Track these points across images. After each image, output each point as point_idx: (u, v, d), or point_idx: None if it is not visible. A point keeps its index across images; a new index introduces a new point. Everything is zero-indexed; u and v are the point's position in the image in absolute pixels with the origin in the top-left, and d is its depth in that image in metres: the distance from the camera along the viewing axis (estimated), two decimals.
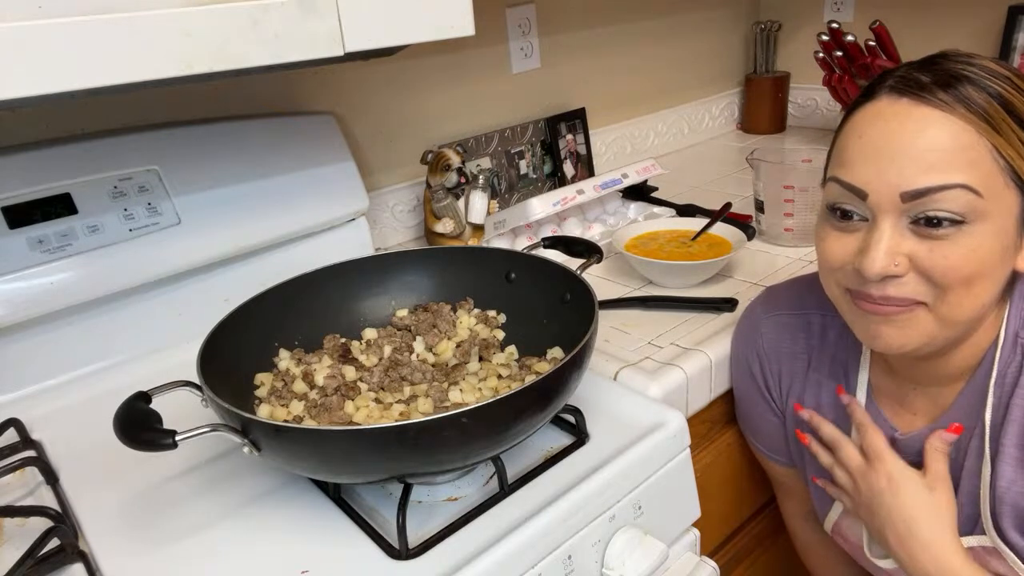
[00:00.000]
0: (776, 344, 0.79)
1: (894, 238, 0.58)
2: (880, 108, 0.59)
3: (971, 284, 0.57)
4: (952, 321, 0.60)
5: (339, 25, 0.63)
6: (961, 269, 0.57)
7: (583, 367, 0.64)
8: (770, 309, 0.80)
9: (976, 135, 0.56)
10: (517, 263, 0.83)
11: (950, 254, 0.57)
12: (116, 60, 0.53)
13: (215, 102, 1.01)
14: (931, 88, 0.57)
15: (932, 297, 0.59)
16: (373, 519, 0.63)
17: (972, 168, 0.55)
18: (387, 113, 1.19)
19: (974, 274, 0.57)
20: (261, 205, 0.95)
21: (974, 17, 1.48)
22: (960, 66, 0.58)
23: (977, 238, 0.56)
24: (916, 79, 0.58)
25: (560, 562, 0.60)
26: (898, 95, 0.58)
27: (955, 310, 0.59)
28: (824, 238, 0.64)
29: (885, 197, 0.57)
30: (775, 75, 1.76)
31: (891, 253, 0.58)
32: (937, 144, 0.56)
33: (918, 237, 0.58)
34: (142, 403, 0.59)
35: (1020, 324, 0.63)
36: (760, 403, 0.82)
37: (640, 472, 0.67)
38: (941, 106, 0.56)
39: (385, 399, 0.71)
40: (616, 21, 1.49)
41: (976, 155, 0.55)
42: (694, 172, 1.54)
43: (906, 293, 0.59)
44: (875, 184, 0.58)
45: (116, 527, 0.64)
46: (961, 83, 0.57)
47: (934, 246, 0.57)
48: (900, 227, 0.58)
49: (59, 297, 0.82)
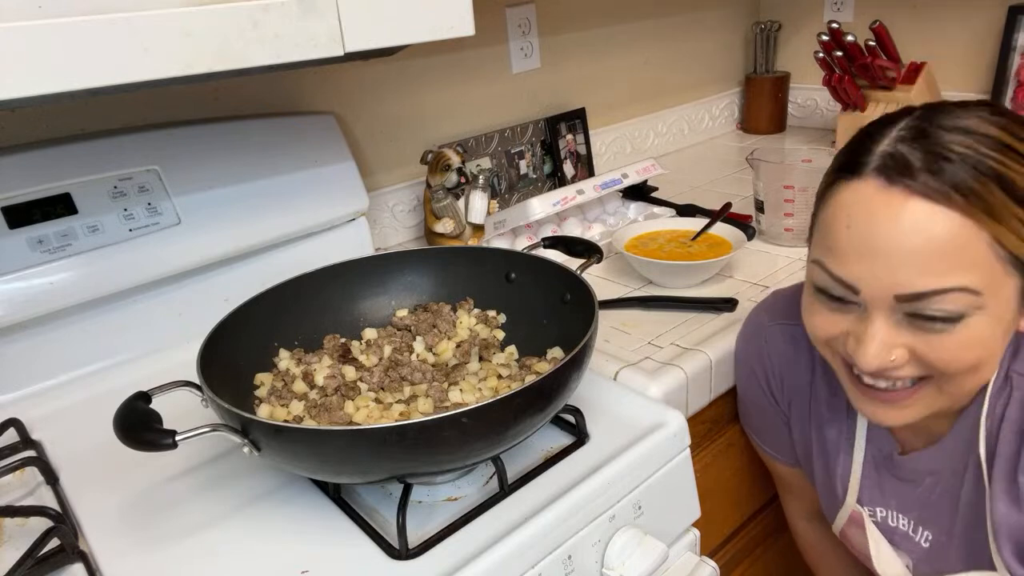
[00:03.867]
0: (781, 353, 0.78)
1: (890, 333, 0.56)
2: (868, 195, 0.54)
3: (976, 369, 0.56)
4: (958, 396, 0.59)
5: (339, 25, 0.63)
6: (963, 360, 0.55)
7: (583, 367, 0.64)
8: (776, 317, 0.79)
9: (975, 229, 0.51)
10: (517, 263, 0.83)
11: (950, 346, 0.55)
12: (116, 60, 0.53)
13: (215, 102, 1.01)
14: (922, 174, 0.52)
15: (936, 375, 0.57)
16: (373, 519, 0.62)
17: (972, 268, 0.52)
18: (387, 113, 1.19)
19: (978, 361, 0.55)
20: (261, 205, 0.95)
21: (974, 17, 1.48)
22: (950, 136, 0.53)
23: (976, 330, 0.54)
24: (905, 161, 0.53)
25: (560, 562, 0.60)
26: (888, 182, 0.54)
27: (962, 388, 0.58)
28: (813, 313, 0.62)
29: (879, 294, 0.55)
30: (775, 75, 1.76)
31: (887, 347, 0.56)
32: (934, 245, 0.52)
33: (915, 329, 0.55)
34: (142, 403, 0.59)
35: (1013, 357, 0.61)
36: (765, 405, 0.82)
37: (640, 472, 0.67)
38: (935, 197, 0.51)
39: (385, 399, 0.71)
40: (616, 21, 1.49)
41: (976, 253, 0.52)
42: (694, 172, 1.54)
43: (906, 374, 0.58)
44: (867, 281, 0.55)
45: (116, 527, 0.64)
46: (953, 164, 0.52)
47: (931, 339, 0.55)
48: (894, 320, 0.56)
49: (59, 297, 0.82)
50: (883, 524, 0.75)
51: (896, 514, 0.73)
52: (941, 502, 0.69)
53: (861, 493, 0.74)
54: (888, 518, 0.74)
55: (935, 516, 0.70)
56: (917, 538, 0.72)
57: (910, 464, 0.70)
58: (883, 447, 0.72)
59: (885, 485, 0.73)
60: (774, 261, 1.07)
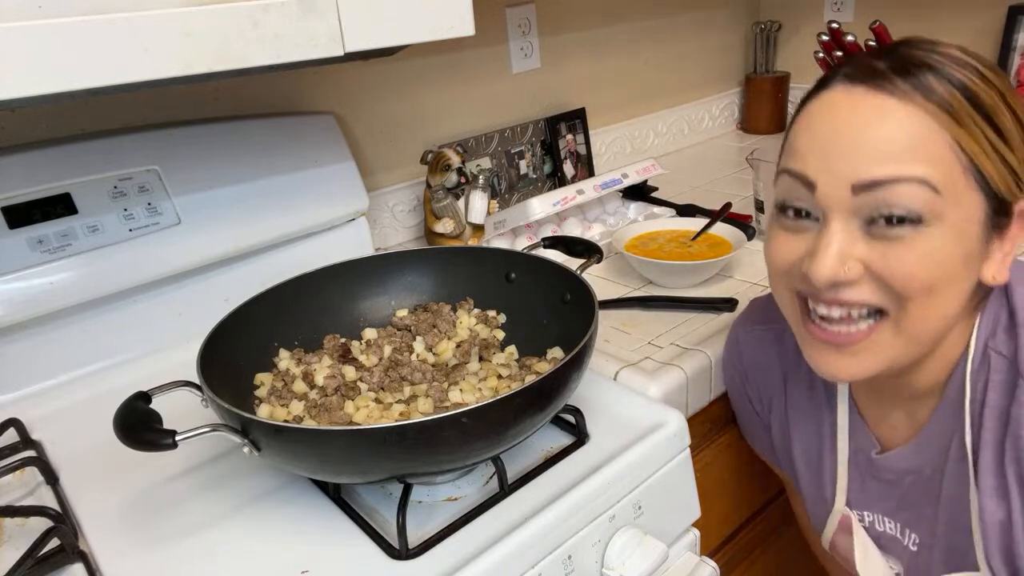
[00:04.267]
0: (754, 358, 0.78)
1: (845, 240, 0.54)
2: (834, 97, 0.55)
3: (932, 293, 0.53)
4: (915, 336, 0.56)
5: (339, 25, 0.63)
6: (919, 275, 0.53)
7: (583, 367, 0.64)
8: (747, 323, 0.79)
9: (936, 126, 0.52)
10: (517, 263, 0.83)
11: (906, 258, 0.52)
12: (116, 60, 0.53)
13: (215, 102, 1.01)
14: (888, 76, 0.53)
15: (893, 307, 0.55)
16: (373, 519, 0.62)
17: (931, 162, 0.51)
18: (387, 113, 1.19)
19: (934, 281, 0.53)
20: (261, 205, 0.95)
21: (974, 17, 1.48)
22: (921, 53, 0.54)
23: (935, 241, 0.52)
24: (872, 67, 0.54)
25: (560, 562, 0.60)
26: (852, 83, 0.55)
27: (918, 323, 0.55)
28: (772, 239, 0.60)
29: (835, 189, 0.53)
30: (775, 75, 1.76)
31: (842, 256, 0.54)
32: (893, 134, 0.52)
33: (871, 240, 0.53)
34: (142, 403, 0.59)
35: (991, 332, 0.59)
36: (751, 415, 0.82)
37: (640, 472, 0.67)
38: (898, 94, 0.52)
39: (385, 399, 0.71)
40: (616, 21, 1.49)
41: (936, 149, 0.52)
42: (694, 172, 1.54)
43: (862, 298, 0.55)
44: (824, 176, 0.54)
45: (116, 527, 0.64)
46: (921, 71, 0.53)
47: (888, 250, 0.53)
48: (852, 229, 0.54)
49: (59, 297, 0.82)
50: (871, 529, 0.73)
51: (882, 517, 0.71)
52: (923, 502, 0.66)
53: (849, 495, 0.72)
54: (875, 523, 0.72)
55: (918, 517, 0.67)
56: (905, 541, 0.70)
57: (888, 463, 0.68)
58: (863, 446, 0.70)
59: (868, 487, 0.71)
60: None
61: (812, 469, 0.76)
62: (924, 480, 0.66)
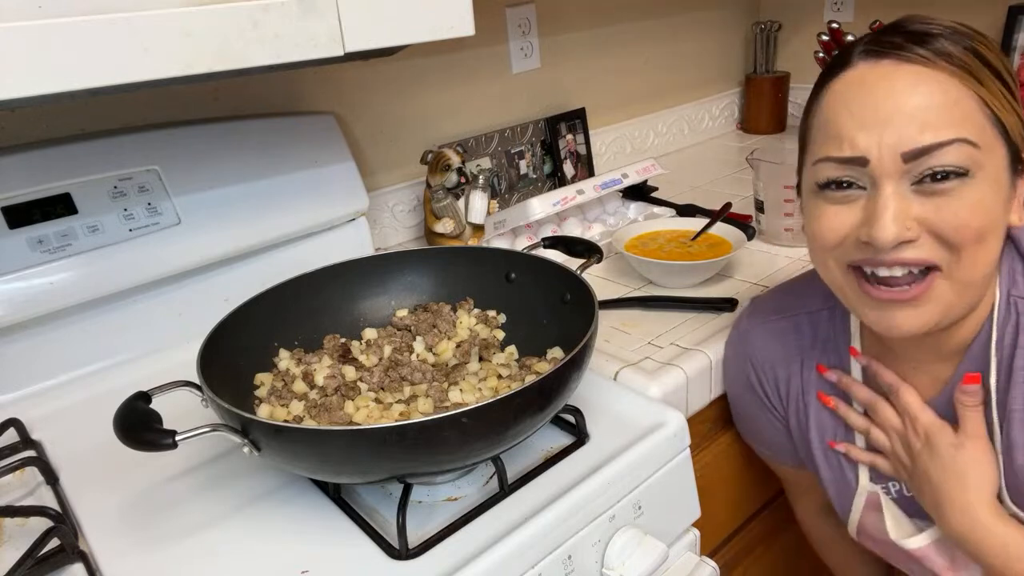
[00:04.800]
0: (768, 351, 0.78)
1: (900, 202, 0.56)
2: (862, 75, 0.58)
3: (983, 239, 0.56)
4: (969, 282, 0.58)
5: (339, 25, 0.63)
6: (971, 223, 0.55)
7: (583, 367, 0.64)
8: (756, 319, 0.80)
9: (963, 88, 0.55)
10: (517, 263, 0.83)
11: (959, 210, 0.55)
12: (116, 60, 0.53)
13: (215, 102, 1.01)
14: (907, 47, 0.56)
15: (947, 260, 0.57)
16: (373, 519, 0.62)
17: (966, 121, 0.55)
18: (387, 113, 1.19)
19: (984, 228, 0.56)
20: (261, 205, 0.95)
21: (974, 17, 1.48)
22: (924, 25, 0.57)
23: (980, 190, 0.56)
24: (890, 40, 0.57)
25: (560, 562, 0.60)
26: (875, 58, 0.58)
27: (971, 270, 0.57)
28: (818, 216, 0.62)
29: (887, 161, 0.56)
30: (775, 75, 1.76)
31: (900, 217, 0.56)
32: (930, 101, 0.55)
33: (923, 198, 0.56)
34: (142, 403, 0.59)
35: (1011, 282, 0.62)
36: (762, 412, 0.81)
37: (640, 472, 0.67)
38: (924, 62, 0.56)
39: (385, 399, 0.71)
40: (616, 21, 1.49)
41: (967, 108, 0.55)
42: (694, 172, 1.54)
43: (922, 255, 0.57)
44: (875, 151, 0.56)
45: (116, 527, 0.64)
46: (934, 39, 0.56)
47: (941, 204, 0.56)
48: (903, 191, 0.56)
49: (59, 297, 0.82)
50: (900, 498, 0.73)
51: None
52: None
53: (872, 470, 0.73)
54: (903, 489, 0.72)
55: None
56: None
57: None
58: None
59: None
60: (774, 261, 1.07)
61: (832, 454, 0.76)
62: None
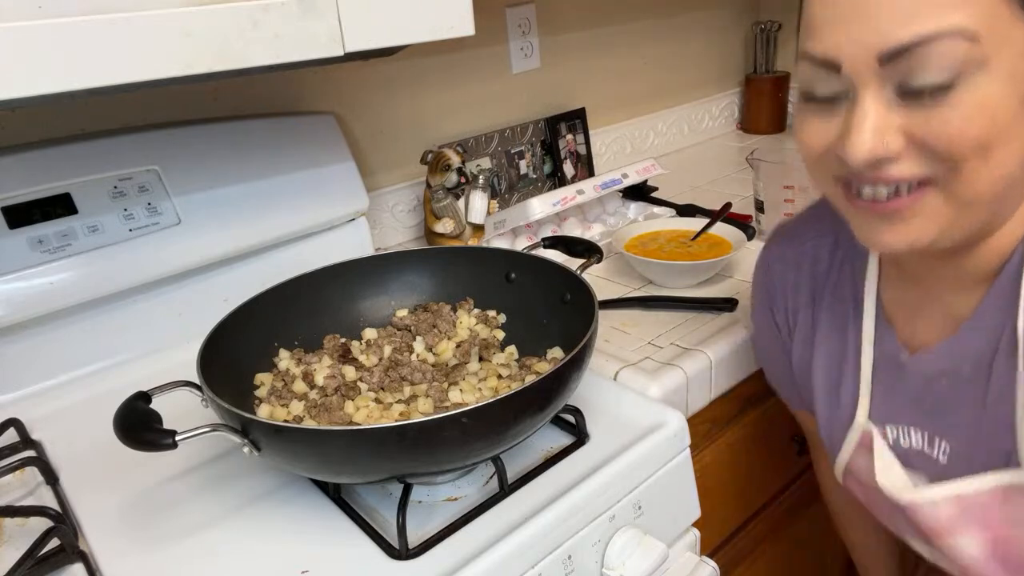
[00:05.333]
0: (781, 279, 0.74)
1: (880, 112, 0.48)
2: None
3: (987, 150, 0.46)
4: (970, 200, 0.49)
5: (339, 25, 0.63)
6: (969, 133, 0.46)
7: (583, 367, 0.64)
8: (772, 245, 0.76)
9: None
10: (517, 263, 0.83)
11: (951, 118, 0.46)
12: (116, 60, 0.53)
13: (215, 102, 1.01)
14: None
15: (942, 173, 0.48)
16: (373, 519, 0.62)
17: (965, 2, 0.44)
18: (387, 113, 1.19)
19: (987, 137, 0.46)
20: (261, 205, 0.95)
21: None
22: None
23: (981, 91, 0.45)
24: None
25: (560, 562, 0.60)
26: None
27: (972, 186, 0.48)
28: (801, 126, 0.55)
29: (861, 62, 0.47)
30: (775, 75, 1.76)
31: (879, 131, 0.48)
32: None
33: (910, 105, 0.47)
34: (142, 403, 0.59)
35: None
36: (772, 338, 0.78)
37: (640, 472, 0.67)
38: None
39: (385, 399, 0.71)
40: (616, 21, 1.49)
41: None
42: (694, 172, 1.54)
43: (909, 172, 0.49)
44: (847, 49, 0.47)
45: (116, 527, 0.64)
46: None
47: (931, 113, 0.46)
48: (886, 98, 0.48)
49: (59, 297, 0.82)
50: (896, 446, 0.67)
51: (908, 429, 0.65)
52: (959, 405, 0.60)
53: (872, 408, 0.67)
54: (900, 437, 0.66)
55: (952, 423, 0.61)
56: (934, 454, 0.64)
57: (920, 366, 0.62)
58: (890, 351, 0.64)
59: (894, 396, 0.65)
60: None
61: (831, 383, 0.71)
62: (962, 381, 0.60)
